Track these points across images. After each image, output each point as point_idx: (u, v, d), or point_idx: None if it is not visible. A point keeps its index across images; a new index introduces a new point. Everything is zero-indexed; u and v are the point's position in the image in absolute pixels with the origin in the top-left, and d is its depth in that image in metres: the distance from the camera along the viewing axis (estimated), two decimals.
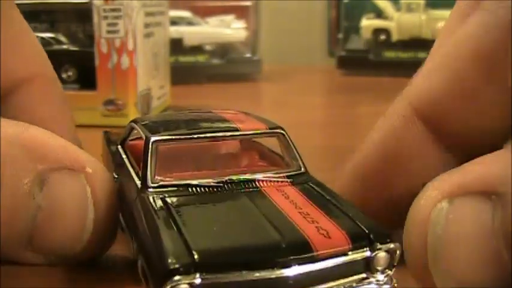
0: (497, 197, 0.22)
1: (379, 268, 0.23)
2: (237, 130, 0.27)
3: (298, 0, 1.20)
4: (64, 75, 0.62)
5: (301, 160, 0.28)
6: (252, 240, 0.22)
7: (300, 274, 0.21)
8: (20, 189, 0.25)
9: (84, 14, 0.62)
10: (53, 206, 0.25)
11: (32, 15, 0.65)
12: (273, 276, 0.21)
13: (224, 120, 0.29)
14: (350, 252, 0.22)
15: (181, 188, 0.25)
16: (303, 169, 0.28)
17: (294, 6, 1.21)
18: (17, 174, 0.25)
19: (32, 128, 0.26)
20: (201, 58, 0.93)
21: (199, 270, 0.20)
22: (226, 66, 0.94)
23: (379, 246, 0.22)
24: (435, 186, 0.23)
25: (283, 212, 0.23)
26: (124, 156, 0.30)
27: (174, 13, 0.88)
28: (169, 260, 0.20)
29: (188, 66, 0.92)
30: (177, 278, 0.19)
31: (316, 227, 0.22)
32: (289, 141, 0.28)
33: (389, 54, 0.95)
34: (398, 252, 0.23)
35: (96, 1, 0.59)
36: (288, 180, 0.27)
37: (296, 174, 0.27)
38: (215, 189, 0.25)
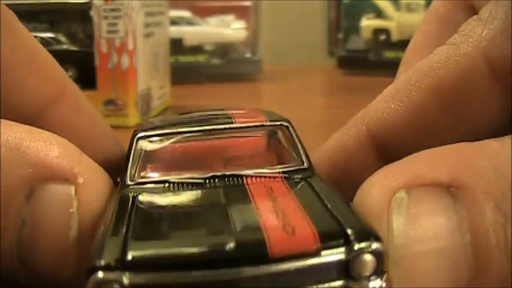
0: (459, 189, 0.20)
1: (364, 274, 0.19)
2: (232, 123, 0.26)
3: (298, 0, 1.20)
4: None
5: (306, 155, 0.26)
6: (199, 240, 0.20)
7: (252, 277, 0.18)
8: (9, 196, 0.23)
9: (84, 14, 0.62)
10: (35, 221, 0.23)
11: (32, 15, 0.65)
12: (219, 277, 0.18)
13: (225, 117, 0.27)
14: (317, 253, 0.19)
15: (160, 185, 0.24)
16: (305, 165, 0.26)
17: (294, 6, 1.21)
18: (7, 179, 0.23)
19: (39, 134, 0.24)
20: (201, 58, 0.93)
21: (129, 270, 0.18)
22: (226, 66, 0.94)
23: (357, 246, 0.19)
24: (388, 174, 0.22)
25: (254, 209, 0.21)
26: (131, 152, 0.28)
27: (174, 13, 0.88)
28: (97, 256, 0.19)
29: (188, 66, 0.92)
30: (100, 275, 0.18)
31: (284, 223, 0.20)
32: (293, 135, 0.27)
33: (389, 54, 0.95)
34: (387, 254, 0.19)
35: (96, 1, 0.59)
36: (283, 175, 0.25)
37: (295, 170, 0.25)
38: (194, 186, 0.24)
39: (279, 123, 0.27)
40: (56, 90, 0.30)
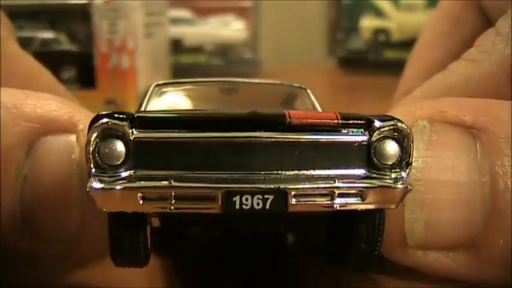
0: (481, 132, 0.20)
1: (386, 163, 0.18)
2: (251, 80, 0.27)
3: (298, 0, 1.20)
4: (64, 75, 0.62)
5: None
6: (211, 111, 0.19)
7: (268, 143, 0.17)
8: (7, 155, 0.22)
9: (84, 14, 0.62)
10: (36, 174, 0.22)
11: (32, 15, 0.65)
12: (229, 140, 0.17)
13: (246, 79, 0.28)
14: (338, 129, 0.17)
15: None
16: None
17: (294, 6, 1.21)
18: (4, 138, 0.22)
19: (36, 93, 0.24)
20: (201, 58, 0.93)
21: (137, 126, 0.18)
22: (226, 67, 0.94)
23: (378, 124, 0.18)
24: (411, 105, 0.22)
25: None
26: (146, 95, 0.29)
27: (174, 13, 0.88)
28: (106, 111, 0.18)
29: (188, 66, 0.92)
30: (105, 120, 0.18)
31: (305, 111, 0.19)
32: (312, 97, 0.27)
33: (389, 54, 0.95)
34: (411, 141, 0.18)
35: (96, 1, 0.59)
36: None
37: None
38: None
39: (297, 85, 0.27)
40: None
